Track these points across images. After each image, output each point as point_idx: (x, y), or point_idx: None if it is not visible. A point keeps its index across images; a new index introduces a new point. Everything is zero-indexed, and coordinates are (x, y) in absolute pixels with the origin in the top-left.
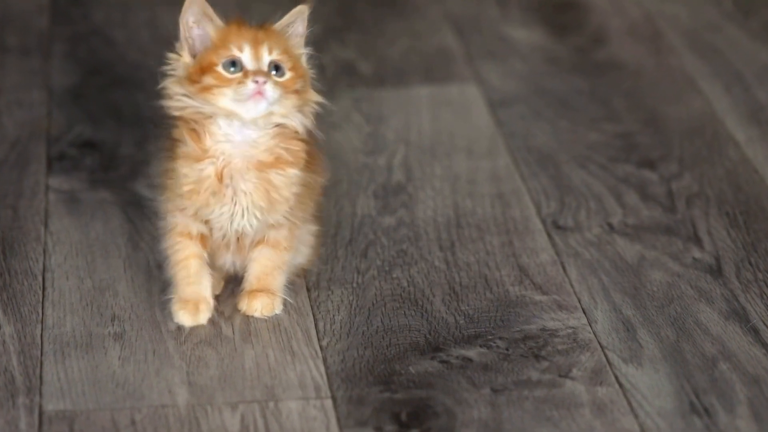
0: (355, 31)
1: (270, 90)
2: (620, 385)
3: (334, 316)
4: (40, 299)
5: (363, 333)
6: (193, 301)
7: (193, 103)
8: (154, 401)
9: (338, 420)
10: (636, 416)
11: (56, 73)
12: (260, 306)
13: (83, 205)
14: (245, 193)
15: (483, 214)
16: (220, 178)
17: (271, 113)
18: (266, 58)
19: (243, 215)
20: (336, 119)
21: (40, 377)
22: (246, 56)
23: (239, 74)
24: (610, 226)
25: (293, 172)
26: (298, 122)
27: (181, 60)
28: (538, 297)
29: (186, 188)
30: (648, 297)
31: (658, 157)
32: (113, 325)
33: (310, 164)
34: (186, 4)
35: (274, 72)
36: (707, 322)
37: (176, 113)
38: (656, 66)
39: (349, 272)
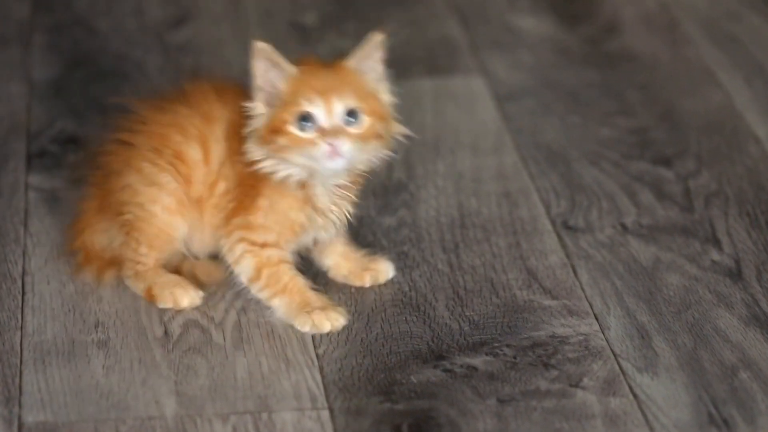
0: (353, 20)
1: (346, 148)
2: (634, 395)
3: None
4: (20, 304)
5: (362, 340)
6: (319, 307)
7: (277, 165)
8: (141, 413)
9: None
10: (651, 429)
11: (37, 64)
12: (385, 266)
13: (65, 205)
14: (337, 210)
15: (489, 214)
16: (315, 209)
17: (353, 167)
18: (339, 108)
19: (332, 226)
20: None
21: (20, 387)
22: (318, 110)
23: (312, 134)
24: (624, 226)
25: (355, 189)
26: (380, 155)
27: (257, 111)
28: (547, 302)
29: (294, 226)
30: (664, 302)
31: (674, 153)
32: (97, 331)
33: None
34: (254, 52)
35: (350, 119)
36: (726, 328)
37: (272, 176)
38: (672, 57)
39: None
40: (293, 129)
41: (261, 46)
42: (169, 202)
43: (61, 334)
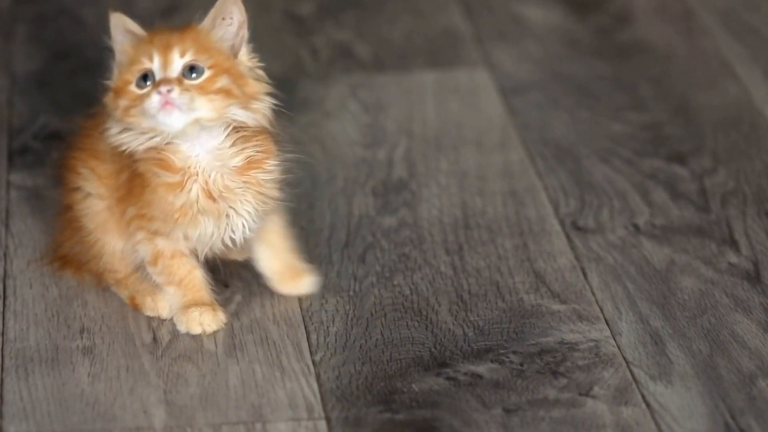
0: (351, 9)
1: (178, 97)
2: (647, 404)
3: (328, 327)
4: (1, 309)
5: (360, 346)
6: (206, 303)
7: (131, 137)
8: (128, 423)
9: None
10: None
11: (19, 57)
12: (313, 279)
13: (49, 204)
14: (239, 203)
15: (494, 213)
16: (209, 195)
17: (197, 120)
18: (178, 62)
19: (240, 225)
20: (330, 108)
21: (1, 396)
22: (155, 65)
23: (149, 88)
24: (636, 227)
25: (271, 165)
26: (245, 118)
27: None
28: (555, 306)
29: (176, 215)
30: (678, 306)
31: (689, 150)
32: (82, 338)
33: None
34: (110, 24)
35: (192, 74)
36: (744, 334)
37: (131, 150)
38: (688, 49)
39: (345, 279)
40: (132, 87)
41: (116, 16)
42: (99, 220)
43: (45, 341)
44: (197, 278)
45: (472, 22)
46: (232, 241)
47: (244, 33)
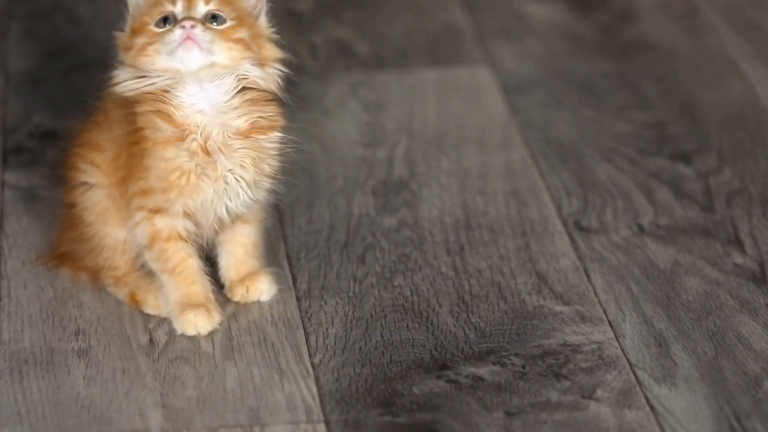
0: (351, 6)
1: (200, 34)
2: (651, 407)
3: (327, 329)
4: None
5: (360, 348)
6: (201, 303)
7: (138, 81)
8: (124, 426)
9: None
10: None
11: (13, 54)
12: (266, 286)
13: (44, 204)
14: (237, 166)
15: (496, 213)
16: (206, 152)
17: (213, 64)
18: (201, 8)
19: (236, 192)
20: (330, 106)
21: None
22: (178, 8)
23: (171, 26)
24: (640, 227)
25: (277, 135)
26: (258, 75)
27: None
28: (558, 308)
29: (174, 175)
30: (683, 308)
31: (694, 149)
32: (77, 339)
33: None
34: None
35: (213, 23)
36: (750, 336)
37: (132, 97)
38: (692, 46)
39: (345, 280)
40: (152, 27)
41: None
42: (99, 211)
43: (39, 342)
44: (191, 267)
45: (474, 19)
46: (229, 211)
47: (264, 2)
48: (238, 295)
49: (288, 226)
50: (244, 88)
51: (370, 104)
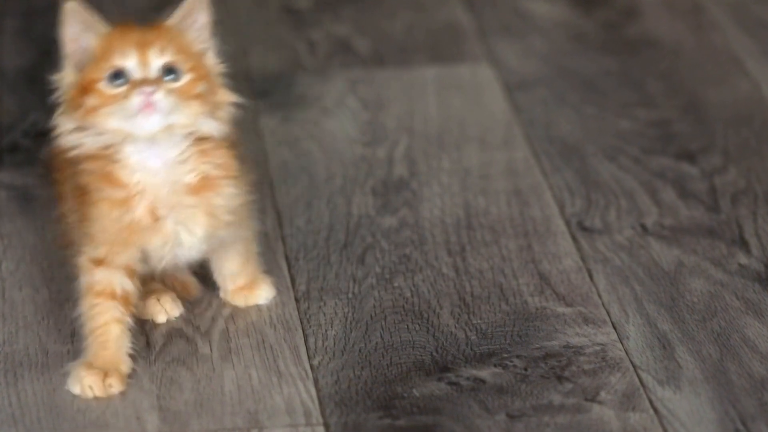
0: (350, 2)
1: (161, 100)
2: (655, 410)
3: (326, 331)
4: None
5: (360, 350)
6: (103, 368)
7: (86, 137)
8: (120, 429)
9: None
10: None
11: (7, 52)
12: (264, 291)
13: (39, 204)
14: (184, 225)
15: (498, 213)
16: (153, 215)
17: (171, 126)
18: (156, 62)
19: (186, 247)
20: (329, 104)
21: None
22: (132, 64)
23: (125, 88)
24: (644, 227)
25: (229, 188)
26: (211, 128)
27: (66, 80)
28: (561, 309)
29: (119, 234)
30: (687, 309)
31: (698, 148)
32: (73, 342)
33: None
34: (63, 14)
35: (169, 77)
36: (756, 338)
37: (76, 152)
38: (697, 44)
39: (344, 281)
40: (104, 86)
41: (71, 6)
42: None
43: (34, 344)
44: (110, 333)
45: (475, 16)
46: (180, 259)
47: (208, 34)
48: (238, 302)
49: (286, 227)
50: (196, 139)
51: (369, 102)
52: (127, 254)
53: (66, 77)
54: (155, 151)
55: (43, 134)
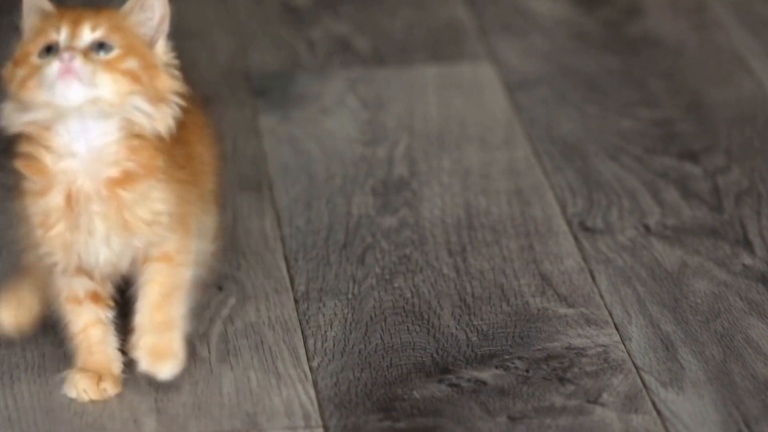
0: (350, 0)
1: (81, 66)
2: (658, 412)
3: (326, 332)
4: None
5: (360, 352)
6: (96, 371)
7: (20, 114)
8: None
9: None
10: None
11: (1, 50)
12: (165, 364)
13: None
14: (100, 217)
15: (499, 213)
16: (69, 204)
17: (97, 99)
18: (87, 36)
19: (104, 244)
20: (328, 103)
21: None
22: (62, 36)
23: (50, 57)
24: (647, 227)
25: (145, 186)
26: (146, 118)
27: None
28: (562, 310)
29: (38, 230)
30: (690, 310)
31: (701, 147)
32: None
33: (189, 140)
34: (24, 5)
35: (100, 52)
36: (759, 339)
37: (14, 134)
38: (700, 42)
39: (344, 281)
40: (34, 58)
41: None
42: None
43: (31, 347)
44: (93, 337)
45: (476, 14)
46: (105, 261)
47: (166, 27)
48: (137, 357)
49: (286, 227)
50: (130, 134)
51: (369, 101)
52: (63, 255)
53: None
54: (86, 134)
55: None
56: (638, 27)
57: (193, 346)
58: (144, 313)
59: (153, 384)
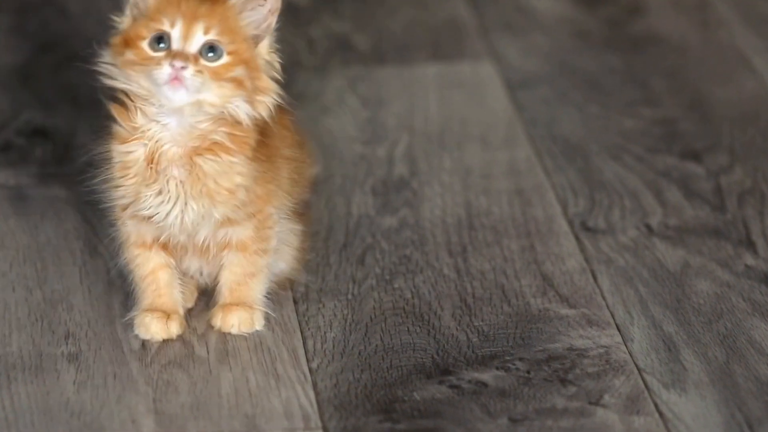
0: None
1: (190, 77)
2: (660, 414)
3: (325, 333)
4: None
5: (359, 353)
6: (162, 310)
7: (120, 78)
8: None
9: None
10: None
11: (1, 49)
12: (237, 321)
13: (32, 204)
14: (177, 182)
15: (500, 213)
16: (150, 161)
17: (199, 102)
18: (199, 37)
19: (178, 208)
20: (328, 102)
21: None
22: (176, 32)
23: (162, 54)
24: (649, 227)
25: (231, 159)
26: (241, 112)
27: (121, 25)
28: (564, 311)
29: (116, 174)
30: (693, 311)
31: (704, 147)
32: (67, 343)
33: (283, 152)
34: None
35: (209, 54)
36: (762, 340)
37: (110, 85)
38: (702, 41)
39: (344, 282)
40: (144, 45)
41: None
42: None
43: (28, 347)
44: (160, 280)
45: (477, 13)
46: (186, 226)
47: (272, 22)
48: (215, 320)
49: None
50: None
51: (369, 100)
52: (134, 203)
53: (122, 22)
54: (177, 113)
55: (37, 133)
56: (640, 25)
57: (191, 346)
58: (224, 293)
59: (152, 384)
